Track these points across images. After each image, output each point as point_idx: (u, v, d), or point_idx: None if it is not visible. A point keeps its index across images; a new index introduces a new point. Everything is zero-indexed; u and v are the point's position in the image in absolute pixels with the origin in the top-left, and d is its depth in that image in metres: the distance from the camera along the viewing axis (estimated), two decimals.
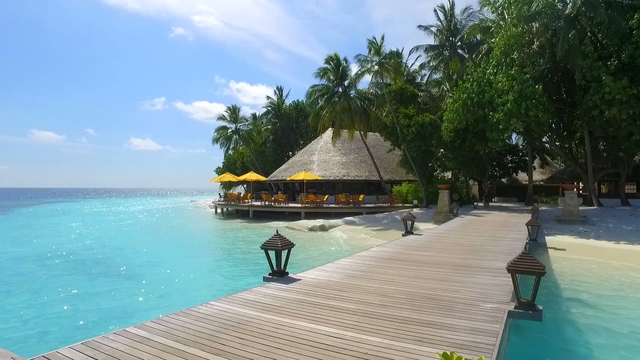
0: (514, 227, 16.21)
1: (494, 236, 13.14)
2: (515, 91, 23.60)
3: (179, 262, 15.52)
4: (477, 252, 9.77)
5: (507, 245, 10.87)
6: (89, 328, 7.91)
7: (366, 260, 8.58)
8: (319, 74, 37.06)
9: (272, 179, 44.56)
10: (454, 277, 6.90)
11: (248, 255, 16.82)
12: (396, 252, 9.59)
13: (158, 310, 8.76)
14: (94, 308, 9.26)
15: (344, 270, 7.44)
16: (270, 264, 6.97)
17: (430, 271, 7.41)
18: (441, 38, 38.67)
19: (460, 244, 11.12)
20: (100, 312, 8.93)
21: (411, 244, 11.18)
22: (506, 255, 9.14)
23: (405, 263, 8.22)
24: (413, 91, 33.99)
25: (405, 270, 7.52)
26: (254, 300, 5.45)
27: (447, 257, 9.00)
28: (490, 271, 7.42)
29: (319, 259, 15.24)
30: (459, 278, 6.86)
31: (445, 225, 16.75)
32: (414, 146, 30.31)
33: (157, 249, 19.00)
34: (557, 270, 12.82)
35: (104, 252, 17.34)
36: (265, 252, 6.95)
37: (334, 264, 8.08)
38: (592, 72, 21.89)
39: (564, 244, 17.89)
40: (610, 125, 23.43)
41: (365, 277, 6.90)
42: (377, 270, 7.46)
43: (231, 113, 54.73)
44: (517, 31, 24.04)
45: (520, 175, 44.06)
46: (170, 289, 10.95)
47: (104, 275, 12.78)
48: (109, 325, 7.93)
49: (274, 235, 6.94)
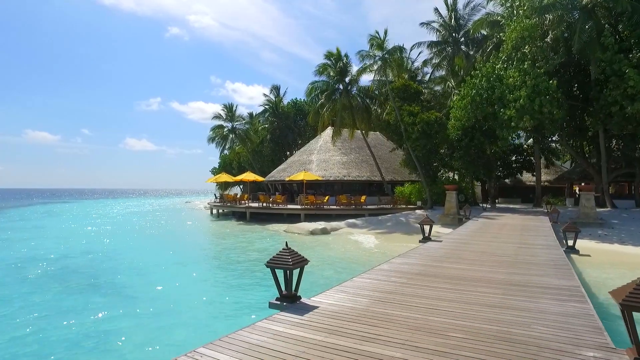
0: (537, 232, 14.81)
1: (523, 243, 11.73)
2: (529, 86, 22.27)
3: (170, 272, 13.95)
4: (517, 264, 8.34)
5: (545, 255, 9.46)
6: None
7: (391, 276, 7.11)
8: (319, 71, 35.59)
9: (269, 180, 43.01)
10: (512, 303, 5.45)
11: (249, 264, 15.32)
12: (423, 265, 8.13)
13: (143, 338, 7.26)
14: (62, 335, 7.71)
15: (369, 292, 5.97)
16: (278, 285, 5.48)
17: (478, 293, 5.95)
18: (444, 34, 37.37)
19: (492, 254, 9.69)
20: (67, 341, 7.38)
21: (435, 253, 9.73)
22: (553, 269, 7.72)
23: (441, 280, 6.76)
24: (417, 88, 32.62)
25: (446, 291, 6.06)
26: (260, 346, 3.96)
27: (486, 271, 7.56)
28: (550, 292, 5.98)
29: (326, 267, 13.76)
30: (518, 303, 5.41)
31: (462, 230, 15.32)
32: (419, 145, 28.89)
33: (145, 256, 17.41)
34: (588, 278, 11.42)
35: (86, 261, 15.72)
36: (271, 272, 5.46)
37: (354, 282, 6.60)
38: (612, 66, 20.58)
39: (586, 249, 16.46)
40: (629, 123, 22.11)
41: (400, 302, 5.43)
42: (410, 292, 6.00)
43: (227, 111, 53.10)
44: (531, 23, 22.68)
45: (524, 176, 42.84)
46: (159, 308, 9.41)
47: (82, 291, 11.20)
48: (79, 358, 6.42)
49: (282, 250, 5.47)
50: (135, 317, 8.70)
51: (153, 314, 8.83)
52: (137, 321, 8.45)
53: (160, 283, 12.09)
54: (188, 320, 8.43)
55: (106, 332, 7.73)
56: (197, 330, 7.73)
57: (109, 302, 9.90)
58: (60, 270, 13.73)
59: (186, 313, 8.93)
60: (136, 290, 11.25)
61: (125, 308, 9.42)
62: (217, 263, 16.05)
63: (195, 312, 8.96)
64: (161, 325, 8.10)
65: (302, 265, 5.44)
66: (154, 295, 10.62)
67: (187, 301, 9.95)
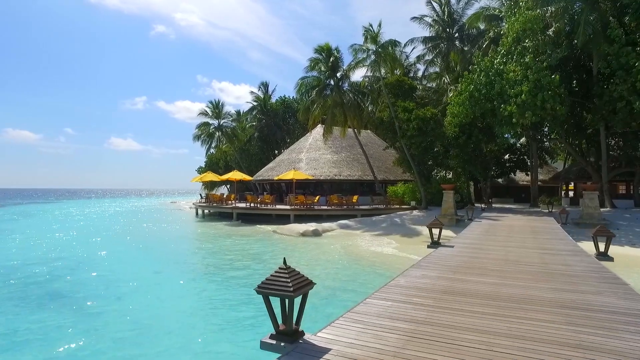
0: (550, 234, 13.65)
1: (543, 248, 10.50)
2: (531, 81, 21.21)
3: (146, 283, 12.31)
4: (553, 276, 7.04)
5: (579, 264, 8.21)
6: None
7: (412, 295, 5.72)
8: (310, 66, 34.10)
9: (257, 179, 41.38)
10: (587, 338, 4.08)
11: (237, 274, 13.80)
12: (445, 279, 6.76)
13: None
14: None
15: (394, 322, 4.54)
16: (273, 319, 4.02)
17: (533, 322, 4.58)
18: (437, 29, 36.30)
19: (516, 262, 8.39)
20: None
21: (451, 261, 8.39)
22: (603, 283, 6.44)
23: (478, 301, 5.39)
24: (411, 84, 31.43)
25: (491, 318, 4.68)
26: None
27: (523, 286, 6.23)
28: (625, 320, 4.66)
29: (326, 275, 12.33)
30: (595, 339, 4.06)
31: (469, 233, 14.05)
32: (414, 143, 27.65)
33: (120, 264, 15.69)
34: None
35: (49, 270, 13.90)
36: (264, 300, 4.00)
37: (369, 306, 5.18)
38: (619, 59, 19.61)
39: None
40: (634, 119, 21.23)
41: (439, 340, 4.02)
42: (447, 321, 4.60)
43: (214, 108, 51.19)
44: (534, 14, 21.61)
45: (518, 175, 42.10)
46: (125, 332, 7.83)
47: (38, 307, 9.54)
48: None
49: (279, 270, 4.01)
50: (95, 341, 7.13)
51: (116, 340, 7.26)
52: (94, 347, 6.87)
53: (133, 297, 10.48)
54: (157, 353, 6.83)
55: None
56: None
57: (67, 320, 8.30)
58: (16, 282, 11.97)
59: (157, 343, 7.30)
60: (102, 306, 9.61)
61: (85, 327, 7.84)
62: (200, 272, 14.45)
63: (167, 343, 7.35)
64: (123, 356, 6.55)
65: (306, 291, 4.00)
66: (123, 314, 9.02)
67: (160, 324, 8.33)
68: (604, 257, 9.06)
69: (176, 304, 9.92)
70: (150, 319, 8.63)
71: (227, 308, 9.42)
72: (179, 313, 9.13)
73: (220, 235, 24.31)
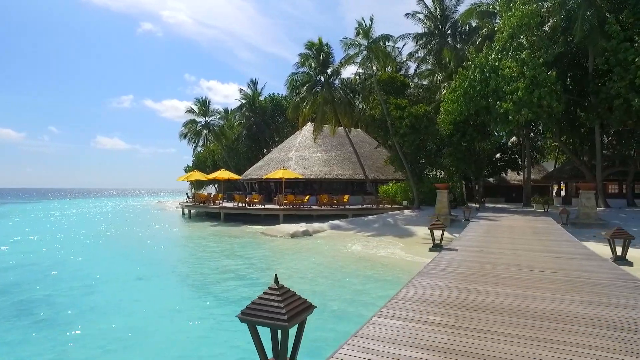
0: (554, 235, 13.00)
1: (551, 250, 9.78)
2: (527, 78, 20.64)
3: (126, 290, 11.26)
4: (578, 285, 6.28)
5: (599, 269, 7.48)
6: None
7: (427, 312, 4.86)
8: (300, 62, 33.15)
9: (245, 178, 40.26)
10: None
11: (223, 281, 12.83)
12: (458, 289, 5.93)
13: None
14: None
15: (412, 352, 3.67)
16: (261, 351, 3.11)
17: (577, 348, 3.76)
18: (429, 26, 35.69)
19: (530, 267, 7.62)
20: None
21: (460, 268, 7.58)
22: (631, 291, 5.69)
23: (502, 319, 4.56)
24: (404, 81, 30.72)
25: (525, 343, 3.84)
26: None
27: (549, 299, 5.43)
28: None
29: (317, 282, 11.44)
30: None
31: (470, 234, 13.30)
32: (407, 141, 26.91)
33: (99, 269, 14.52)
34: None
35: (19, 276, 12.77)
36: (250, 329, 3.09)
37: (378, 329, 4.30)
38: (617, 55, 19.15)
39: (603, 254, 14.90)
40: (631, 117, 20.84)
41: None
42: (471, 348, 3.75)
43: (201, 106, 49.84)
44: (531, 9, 21.05)
45: (509, 175, 41.82)
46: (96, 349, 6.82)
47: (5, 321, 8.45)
48: None
49: (269, 291, 3.09)
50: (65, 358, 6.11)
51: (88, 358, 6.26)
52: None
53: (110, 307, 9.44)
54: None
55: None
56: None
57: (34, 334, 7.25)
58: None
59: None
60: (74, 316, 8.57)
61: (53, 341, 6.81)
62: (183, 275, 13.41)
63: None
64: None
65: (303, 318, 3.11)
66: (98, 327, 7.99)
67: (137, 340, 7.36)
68: (623, 261, 8.37)
69: (156, 315, 8.90)
70: (128, 331, 7.62)
71: (214, 318, 8.46)
72: (159, 324, 8.13)
73: (206, 236, 23.22)
